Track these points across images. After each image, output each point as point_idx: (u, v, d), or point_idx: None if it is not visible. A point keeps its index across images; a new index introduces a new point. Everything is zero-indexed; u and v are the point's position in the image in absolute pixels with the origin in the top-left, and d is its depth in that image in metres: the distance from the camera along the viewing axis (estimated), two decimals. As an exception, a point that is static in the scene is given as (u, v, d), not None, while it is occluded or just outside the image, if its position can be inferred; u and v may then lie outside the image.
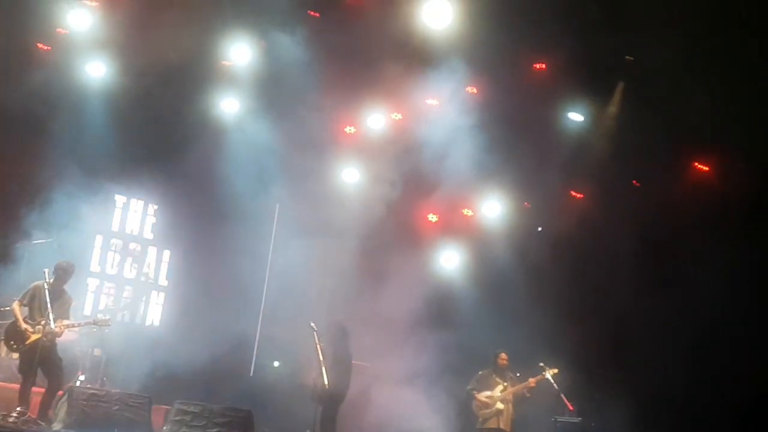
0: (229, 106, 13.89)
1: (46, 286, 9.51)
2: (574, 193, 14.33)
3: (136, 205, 14.29)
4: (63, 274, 9.81)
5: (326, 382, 10.96)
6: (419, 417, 12.40)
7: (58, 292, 9.73)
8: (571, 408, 11.90)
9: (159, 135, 13.50)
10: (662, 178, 13.15)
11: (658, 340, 12.25)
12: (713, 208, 12.17)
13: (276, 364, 13.81)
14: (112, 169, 13.21)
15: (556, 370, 11.95)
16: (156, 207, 14.42)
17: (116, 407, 9.39)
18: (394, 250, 14.14)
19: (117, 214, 14.11)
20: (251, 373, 14.01)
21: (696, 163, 13.43)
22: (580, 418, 12.72)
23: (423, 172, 13.73)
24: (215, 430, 9.09)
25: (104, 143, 12.98)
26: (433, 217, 15.16)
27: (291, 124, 13.43)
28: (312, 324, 11.49)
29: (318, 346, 11.32)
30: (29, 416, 9.12)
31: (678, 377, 12.04)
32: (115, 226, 14.12)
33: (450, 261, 14.99)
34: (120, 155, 13.16)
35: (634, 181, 13.61)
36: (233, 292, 13.50)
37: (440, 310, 14.13)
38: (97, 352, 11.85)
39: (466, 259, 14.90)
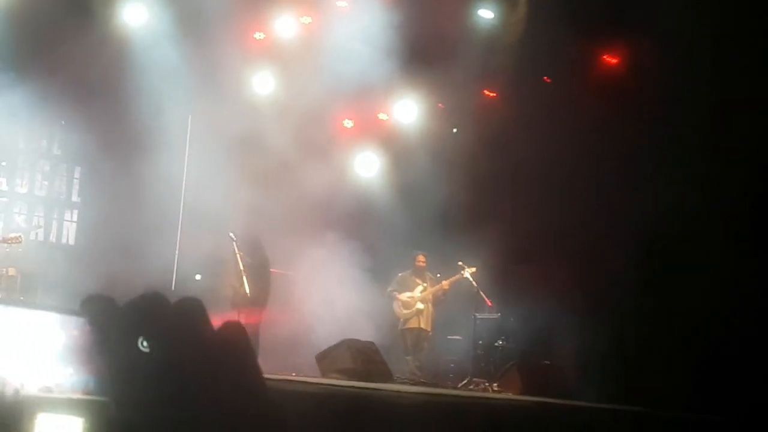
0: (133, 16, 13.37)
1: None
2: (487, 93, 14.37)
3: (42, 121, 13.80)
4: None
5: (248, 291, 11.05)
6: (342, 321, 12.56)
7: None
8: (489, 304, 12.25)
9: (61, 47, 12.96)
10: (572, 73, 13.19)
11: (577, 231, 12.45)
12: (623, 99, 12.28)
13: (198, 277, 13.73)
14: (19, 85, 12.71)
15: (474, 269, 12.25)
16: (63, 122, 13.98)
17: (33, 325, 9.26)
18: (310, 158, 14.08)
19: (23, 129, 13.62)
20: (173, 287, 13.92)
21: (605, 56, 13.49)
22: (498, 314, 13.12)
23: (336, 77, 13.56)
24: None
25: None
26: (348, 123, 15.09)
27: (199, 32, 13.07)
28: (231, 234, 11.51)
29: (238, 256, 11.37)
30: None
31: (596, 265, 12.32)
32: (22, 144, 13.67)
33: (367, 166, 14.99)
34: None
35: (545, 78, 13.66)
36: (149, 206, 13.26)
37: (358, 215, 14.19)
38: (11, 271, 11.62)
39: (383, 164, 14.93)
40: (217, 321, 3.27)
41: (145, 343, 3.21)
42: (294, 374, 10.98)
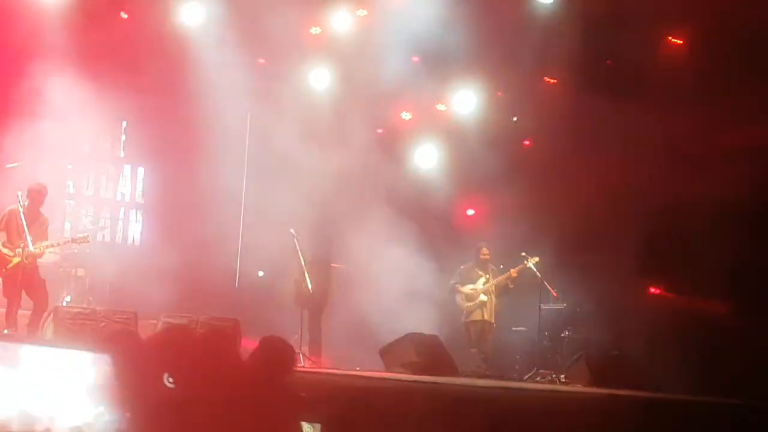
0: (191, 15, 13.45)
1: (21, 210, 9.50)
2: (547, 80, 14.16)
3: (107, 122, 14.01)
4: (37, 196, 9.85)
5: (309, 287, 11.08)
6: (405, 315, 12.51)
7: (33, 215, 9.77)
8: (555, 294, 12.08)
9: (120, 48, 13.13)
10: (635, 54, 12.86)
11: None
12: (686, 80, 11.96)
13: (261, 273, 13.82)
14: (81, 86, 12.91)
15: (537, 259, 12.10)
16: (125, 124, 14.16)
17: (103, 324, 9.44)
18: (369, 152, 14.05)
19: (88, 133, 13.83)
20: (236, 285, 14.05)
21: (669, 37, 13.15)
22: (564, 304, 12.93)
23: (392, 69, 13.50)
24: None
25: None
26: (407, 115, 15.01)
27: (255, 30, 13.12)
28: (292, 231, 11.55)
29: (299, 253, 11.40)
30: (17, 338, 9.16)
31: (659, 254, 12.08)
32: (87, 147, 13.88)
33: (426, 158, 14.89)
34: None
35: (608, 62, 13.40)
36: (211, 204, 13.42)
37: (419, 208, 14.11)
38: (80, 272, 11.84)
39: (443, 156, 14.82)
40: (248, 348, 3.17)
41: (171, 379, 3.14)
42: (358, 368, 10.98)
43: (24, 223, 9.44)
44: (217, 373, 2.83)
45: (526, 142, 14.95)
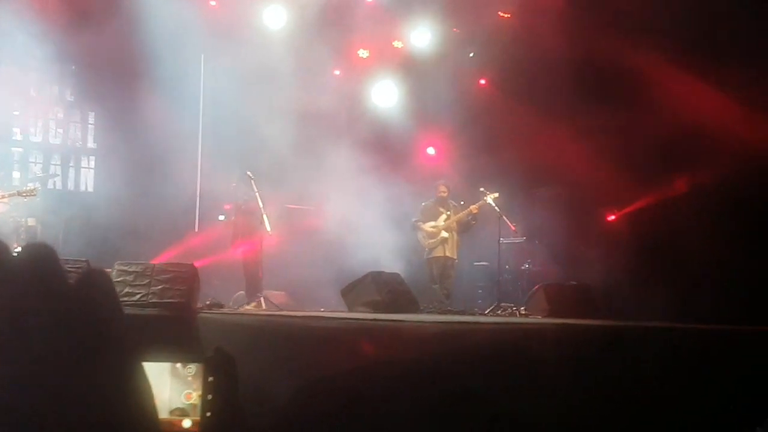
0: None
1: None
2: (501, 14, 13.98)
3: (53, 67, 13.64)
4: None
5: (268, 228, 10.97)
6: (366, 254, 12.48)
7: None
8: (513, 229, 12.10)
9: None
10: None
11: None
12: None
13: (221, 217, 13.67)
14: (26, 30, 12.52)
15: (496, 194, 12.07)
16: (74, 67, 13.80)
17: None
18: (327, 90, 13.88)
19: (33, 77, 13.46)
20: (196, 229, 13.90)
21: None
22: (524, 238, 13.00)
23: (347, 7, 13.27)
24: (159, 287, 8.97)
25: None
26: (363, 53, 14.82)
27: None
28: (249, 173, 11.38)
29: (257, 194, 11.25)
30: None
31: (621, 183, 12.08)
32: (33, 92, 13.53)
33: (384, 95, 14.76)
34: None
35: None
36: (167, 148, 13.13)
37: (379, 146, 14.01)
38: (31, 222, 11.58)
39: (400, 93, 14.69)
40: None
41: None
42: (322, 309, 10.95)
43: (-31, 173, 9.24)
44: (37, 291, 2.55)
45: (482, 81, 14.86)
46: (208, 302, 9.89)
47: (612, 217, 12.99)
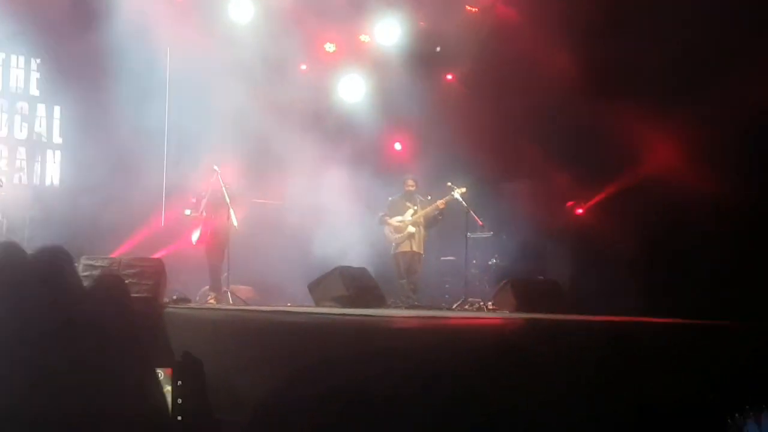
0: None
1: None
2: (468, 8, 14.03)
3: (18, 60, 13.48)
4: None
5: (235, 222, 10.98)
6: (333, 249, 12.51)
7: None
8: (480, 224, 12.18)
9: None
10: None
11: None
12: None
13: (187, 212, 13.58)
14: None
15: (464, 189, 12.13)
16: (39, 61, 13.66)
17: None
18: (294, 85, 13.86)
19: (-3, 71, 13.31)
20: (162, 224, 13.84)
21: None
22: (491, 233, 13.08)
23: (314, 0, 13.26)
24: (126, 281, 8.95)
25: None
26: (330, 47, 14.81)
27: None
28: (215, 167, 11.39)
29: (224, 188, 11.26)
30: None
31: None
32: (-1, 85, 13.39)
33: (351, 90, 14.76)
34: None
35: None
36: (133, 143, 13.06)
37: (346, 141, 14.03)
38: (-5, 216, 11.51)
39: (367, 87, 14.70)
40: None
41: None
42: (289, 304, 10.96)
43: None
44: (50, 293, 2.57)
45: (449, 77, 14.91)
46: (174, 297, 9.88)
47: (580, 211, 13.10)
